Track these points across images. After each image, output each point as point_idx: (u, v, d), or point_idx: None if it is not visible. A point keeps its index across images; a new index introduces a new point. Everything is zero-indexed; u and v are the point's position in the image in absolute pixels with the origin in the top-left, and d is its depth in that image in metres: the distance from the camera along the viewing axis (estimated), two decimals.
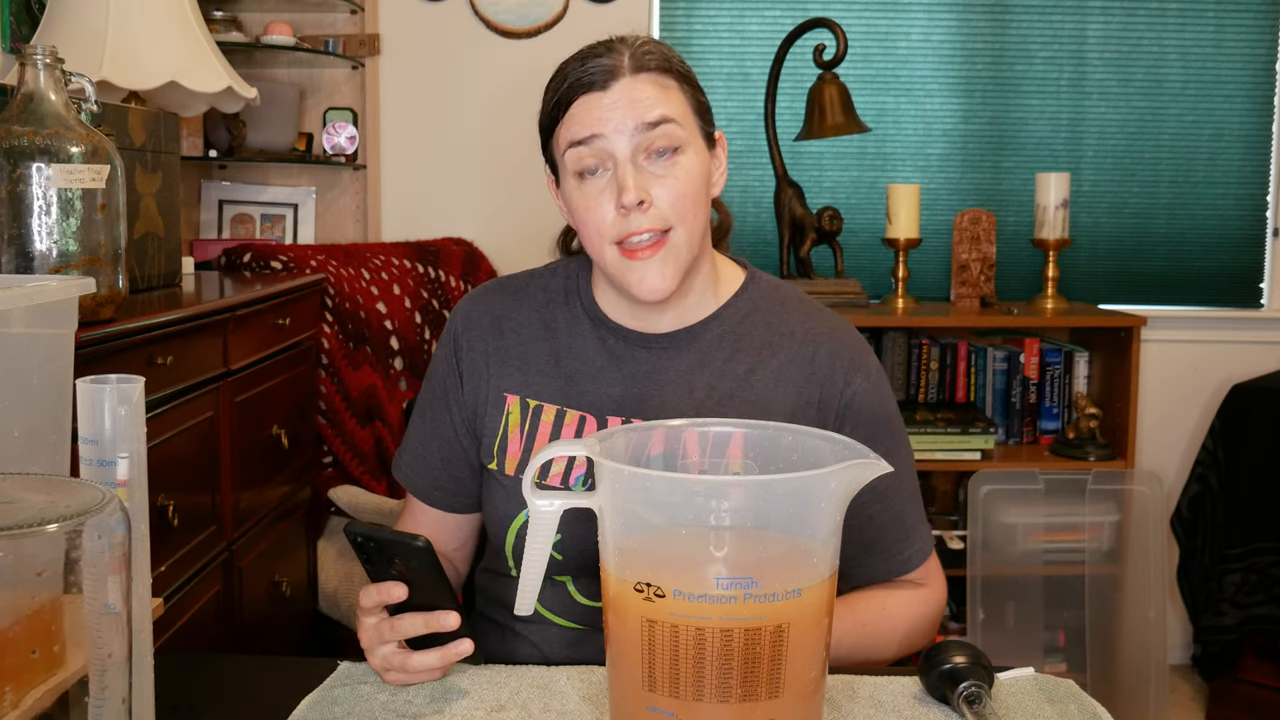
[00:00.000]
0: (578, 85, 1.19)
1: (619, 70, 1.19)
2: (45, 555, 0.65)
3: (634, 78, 1.19)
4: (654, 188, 1.18)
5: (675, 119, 1.19)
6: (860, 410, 1.26)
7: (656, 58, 1.21)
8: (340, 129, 3.08)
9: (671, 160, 1.18)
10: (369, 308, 2.78)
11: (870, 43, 3.22)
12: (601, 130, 1.17)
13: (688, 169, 1.19)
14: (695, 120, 1.22)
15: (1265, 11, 3.21)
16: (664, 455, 0.96)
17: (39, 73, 1.59)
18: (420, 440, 1.36)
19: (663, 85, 1.20)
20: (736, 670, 0.80)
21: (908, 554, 1.29)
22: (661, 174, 1.18)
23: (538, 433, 1.27)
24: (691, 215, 1.19)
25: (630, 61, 1.19)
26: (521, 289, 1.35)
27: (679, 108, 1.20)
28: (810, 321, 1.29)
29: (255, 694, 1.07)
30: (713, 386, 1.25)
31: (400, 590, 1.01)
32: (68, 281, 1.05)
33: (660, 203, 1.18)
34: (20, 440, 0.97)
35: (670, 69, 1.21)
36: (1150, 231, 3.29)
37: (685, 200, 1.19)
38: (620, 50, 1.20)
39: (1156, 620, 2.71)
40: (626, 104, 1.17)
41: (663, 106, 1.18)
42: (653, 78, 1.19)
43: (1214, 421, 2.97)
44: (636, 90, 1.18)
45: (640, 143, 1.17)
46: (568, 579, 1.27)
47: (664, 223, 1.18)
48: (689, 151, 1.20)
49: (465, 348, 1.33)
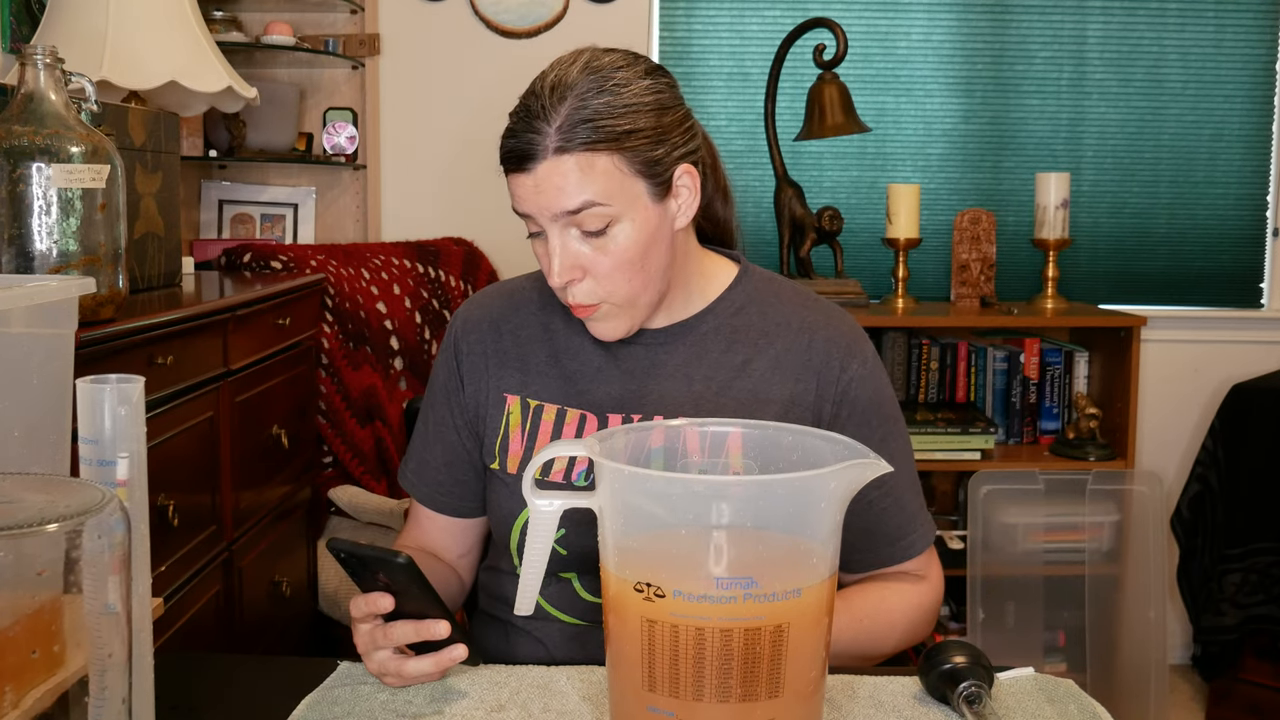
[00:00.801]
0: (505, 159, 1.17)
1: (540, 152, 1.14)
2: (45, 555, 0.65)
3: (555, 160, 1.13)
4: (585, 260, 1.17)
5: (599, 200, 1.14)
6: (857, 396, 1.26)
7: (587, 129, 1.13)
8: (340, 129, 3.08)
9: (601, 238, 1.16)
10: (369, 308, 2.78)
11: (870, 43, 3.22)
12: (528, 210, 1.17)
13: (622, 242, 1.17)
14: (634, 184, 1.16)
15: (1265, 11, 3.21)
16: (664, 450, 0.96)
17: (39, 73, 1.59)
18: (424, 446, 1.37)
19: (587, 165, 1.13)
20: (736, 670, 0.80)
21: (910, 539, 1.29)
22: (593, 251, 1.17)
23: (539, 432, 1.28)
24: (626, 283, 1.18)
25: (555, 138, 1.13)
26: (519, 292, 1.37)
27: (606, 185, 1.14)
28: (805, 311, 1.30)
29: (255, 694, 1.07)
30: (710, 378, 1.26)
31: (387, 601, 1.02)
32: (68, 281, 1.05)
33: (594, 276, 1.18)
34: (20, 440, 0.97)
35: (598, 140, 1.13)
36: (1150, 231, 3.29)
37: (617, 273, 1.18)
38: (550, 119, 1.14)
39: (1156, 620, 2.71)
40: (547, 189, 1.14)
41: (585, 191, 1.13)
42: (576, 159, 1.13)
43: (1214, 421, 2.97)
44: (557, 175, 1.13)
45: (567, 223, 1.16)
46: (573, 576, 1.27)
47: (595, 296, 1.19)
48: (623, 222, 1.16)
49: (465, 351, 1.34)
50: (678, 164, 1.20)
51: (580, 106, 1.14)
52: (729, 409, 1.24)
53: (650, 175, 1.17)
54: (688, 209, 1.22)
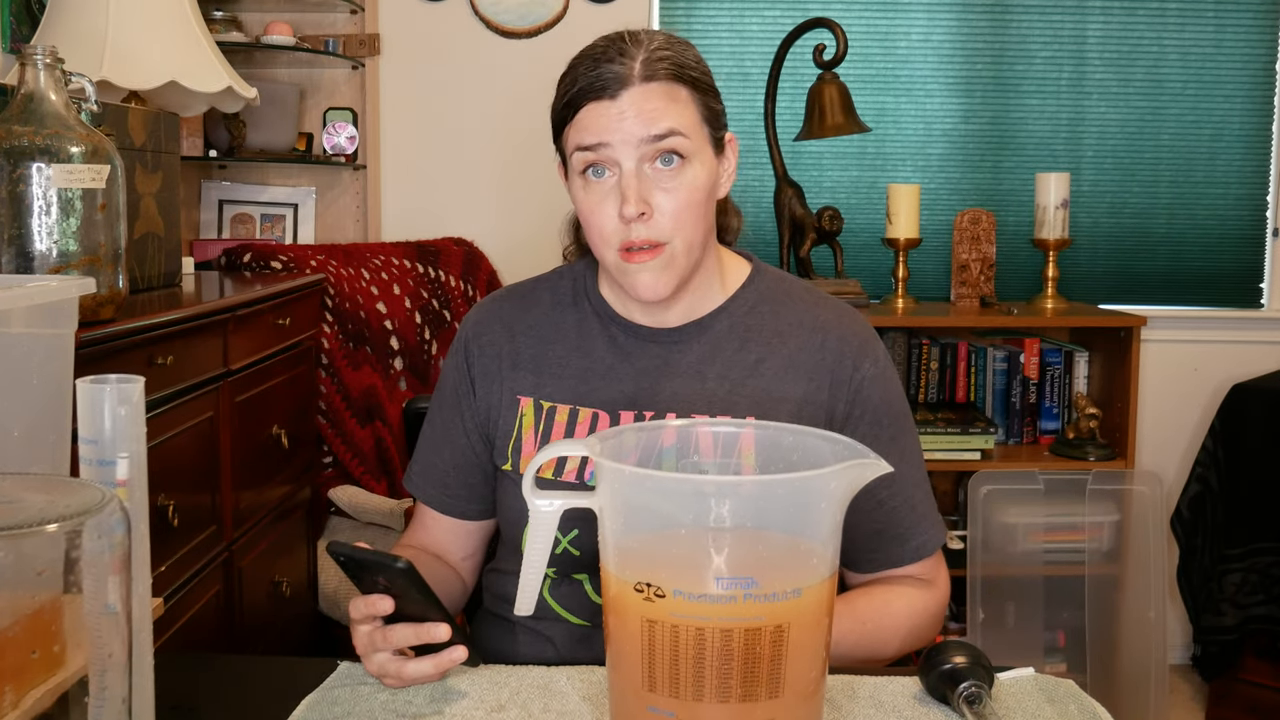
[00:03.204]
0: (587, 90, 1.18)
1: (629, 79, 1.17)
2: (45, 555, 0.65)
3: (644, 86, 1.17)
4: (656, 197, 1.18)
5: (682, 131, 1.18)
6: (869, 395, 1.27)
7: (669, 65, 1.19)
8: (340, 129, 3.08)
9: (676, 171, 1.19)
10: (369, 308, 2.78)
11: (870, 43, 3.22)
12: (608, 139, 1.17)
13: (692, 180, 1.19)
14: (704, 129, 1.21)
15: (1265, 11, 3.21)
16: (676, 448, 0.96)
17: (39, 73, 1.59)
18: (432, 449, 1.37)
19: (672, 95, 1.18)
20: (736, 670, 0.80)
21: (921, 539, 1.29)
22: (665, 184, 1.19)
23: (552, 433, 1.28)
24: (691, 225, 1.20)
25: (641, 69, 1.17)
26: (530, 294, 1.37)
27: (687, 118, 1.19)
28: (818, 310, 1.31)
29: (255, 694, 1.07)
30: (723, 376, 1.27)
31: (387, 604, 1.02)
32: (68, 281, 1.05)
33: (661, 213, 1.19)
34: (20, 440, 0.97)
35: (683, 77, 1.19)
36: (1150, 231, 3.29)
37: (686, 211, 1.19)
38: (633, 55, 1.18)
39: (1156, 620, 2.71)
40: (634, 115, 1.17)
41: (670, 119, 1.17)
42: (663, 87, 1.18)
43: (1214, 421, 2.97)
44: (646, 101, 1.17)
45: (646, 153, 1.18)
46: (584, 577, 1.27)
47: (663, 234, 1.19)
48: (694, 162, 1.20)
49: (477, 353, 1.34)
50: (727, 129, 1.26)
51: (663, 45, 1.21)
52: (742, 408, 1.24)
53: (713, 125, 1.23)
54: (728, 179, 1.27)
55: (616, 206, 1.19)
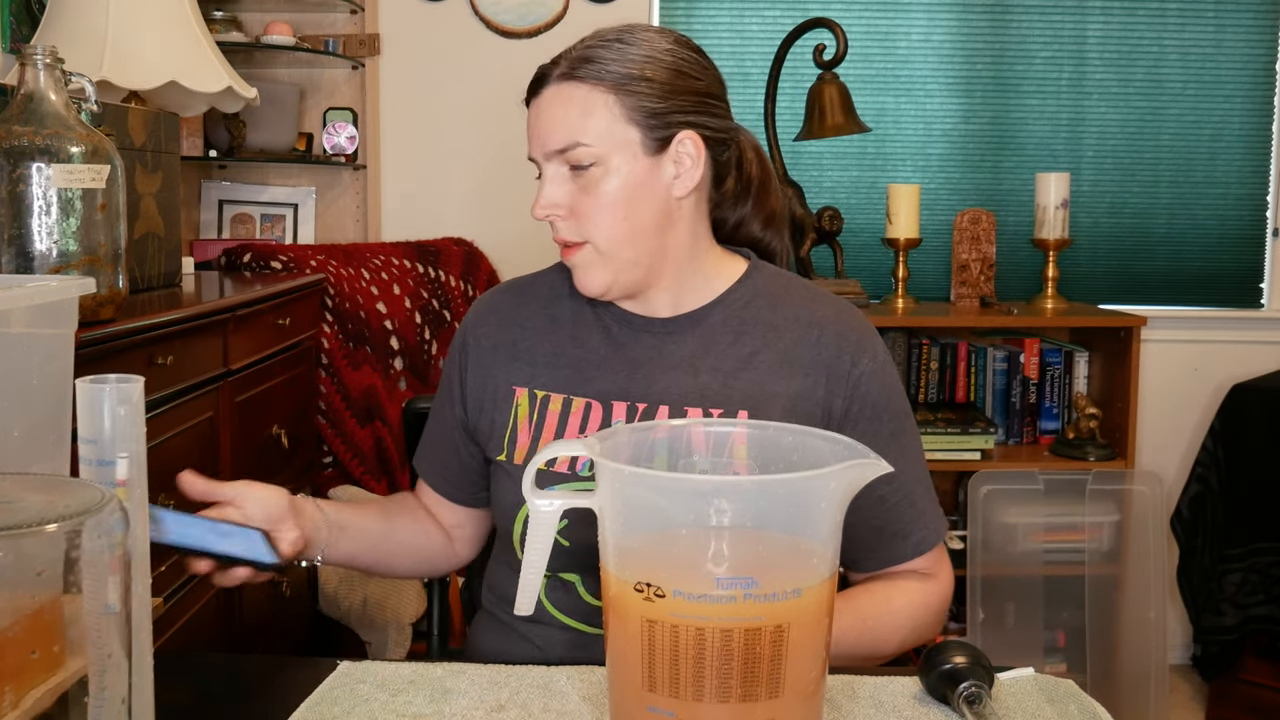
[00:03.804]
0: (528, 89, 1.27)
1: (546, 79, 1.23)
2: (45, 555, 0.65)
3: (556, 87, 1.22)
4: (574, 198, 1.22)
5: (584, 140, 1.19)
6: (868, 392, 1.26)
7: (589, 66, 1.20)
8: (340, 129, 3.08)
9: (586, 176, 1.21)
10: (369, 308, 2.78)
11: (870, 43, 3.22)
12: (530, 144, 1.25)
13: (605, 185, 1.21)
14: (629, 130, 1.20)
15: (1265, 11, 3.21)
16: (668, 447, 0.96)
17: (39, 73, 1.59)
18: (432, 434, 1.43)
19: (581, 99, 1.20)
20: (736, 670, 0.80)
21: (922, 534, 1.29)
22: (578, 189, 1.22)
23: (545, 422, 1.28)
24: (610, 226, 1.22)
25: (562, 69, 1.22)
26: (527, 287, 1.39)
27: (598, 125, 1.19)
28: (815, 305, 1.30)
29: (255, 694, 1.07)
30: (716, 369, 1.26)
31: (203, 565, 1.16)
32: (68, 281, 1.05)
33: (575, 214, 1.23)
34: (20, 440, 0.97)
35: (602, 76, 1.19)
36: (1150, 231, 3.29)
37: (600, 215, 1.21)
38: (565, 55, 1.23)
39: (1156, 620, 2.71)
40: (543, 117, 1.23)
41: (568, 129, 1.20)
42: (573, 90, 1.20)
43: (1214, 421, 2.97)
44: (552, 104, 1.22)
45: (559, 159, 1.22)
46: (576, 579, 1.27)
47: (578, 235, 1.23)
48: (609, 166, 1.20)
49: (473, 345, 1.37)
50: (681, 127, 1.22)
51: (594, 46, 1.22)
52: (735, 400, 1.24)
53: (647, 126, 1.21)
54: (687, 178, 1.24)
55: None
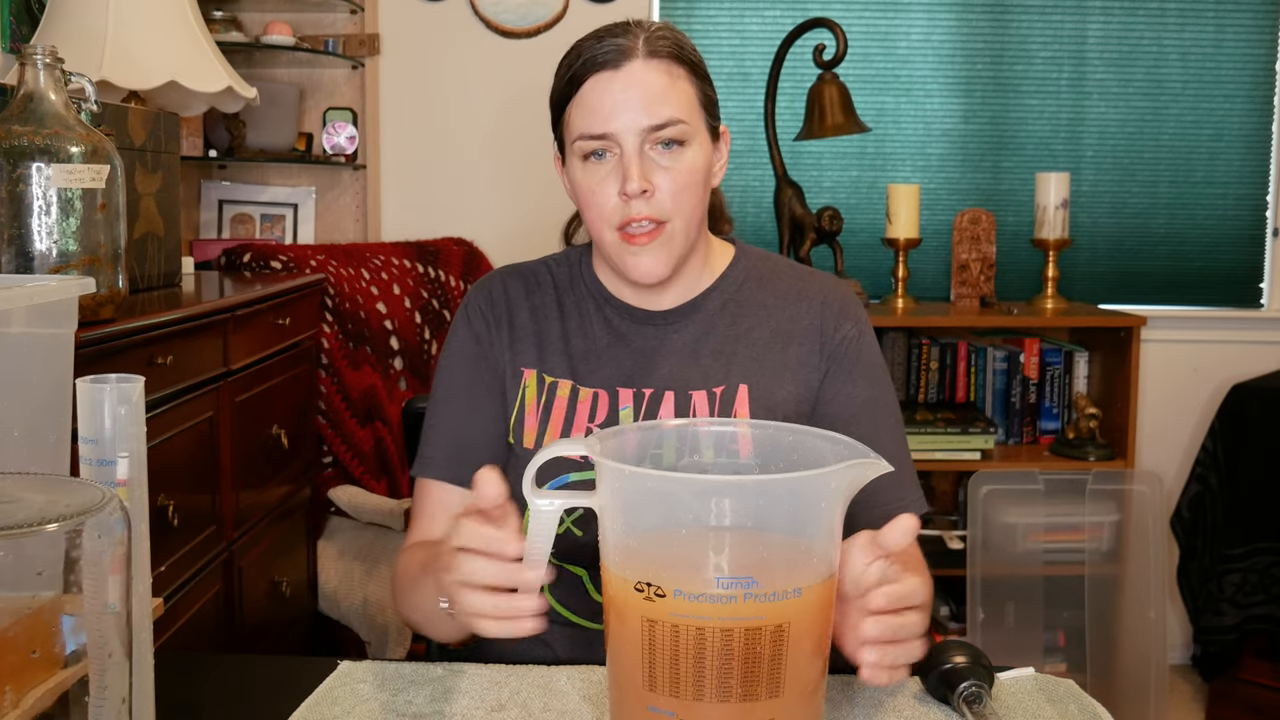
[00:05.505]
0: (591, 63, 1.21)
1: (632, 52, 1.21)
2: (45, 555, 0.65)
3: (646, 62, 1.21)
4: (657, 177, 1.21)
5: (682, 117, 1.21)
6: (846, 353, 1.30)
7: (670, 44, 1.22)
8: (340, 129, 3.08)
9: (676, 153, 1.22)
10: (369, 308, 2.78)
11: (870, 43, 3.22)
12: (611, 119, 1.20)
13: (691, 162, 1.22)
14: (700, 114, 1.24)
15: (1265, 11, 3.21)
16: (669, 440, 0.95)
17: (39, 73, 1.59)
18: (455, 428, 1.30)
19: (672, 75, 1.22)
20: (737, 670, 0.80)
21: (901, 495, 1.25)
22: (666, 165, 1.21)
23: (553, 408, 1.29)
24: (689, 207, 1.23)
25: (644, 45, 1.21)
26: (535, 273, 1.38)
27: (686, 101, 1.22)
28: (802, 281, 1.35)
29: (255, 694, 1.07)
30: (718, 351, 1.30)
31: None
32: (68, 281, 1.05)
33: (662, 193, 1.21)
34: (20, 440, 0.97)
35: (682, 58, 1.23)
36: (1150, 231, 3.29)
37: (685, 192, 1.22)
38: (635, 33, 1.22)
39: (1156, 620, 2.71)
40: (636, 90, 1.20)
41: (670, 102, 1.20)
42: (664, 66, 1.21)
43: (1214, 421, 2.97)
44: (647, 76, 1.20)
45: (648, 134, 1.21)
46: (584, 574, 1.27)
47: (663, 213, 1.22)
48: (693, 145, 1.23)
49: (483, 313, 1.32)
50: (720, 120, 1.30)
51: (663, 28, 1.25)
52: (735, 379, 1.27)
53: (709, 113, 1.26)
54: (721, 168, 1.30)
55: (617, 186, 1.21)
